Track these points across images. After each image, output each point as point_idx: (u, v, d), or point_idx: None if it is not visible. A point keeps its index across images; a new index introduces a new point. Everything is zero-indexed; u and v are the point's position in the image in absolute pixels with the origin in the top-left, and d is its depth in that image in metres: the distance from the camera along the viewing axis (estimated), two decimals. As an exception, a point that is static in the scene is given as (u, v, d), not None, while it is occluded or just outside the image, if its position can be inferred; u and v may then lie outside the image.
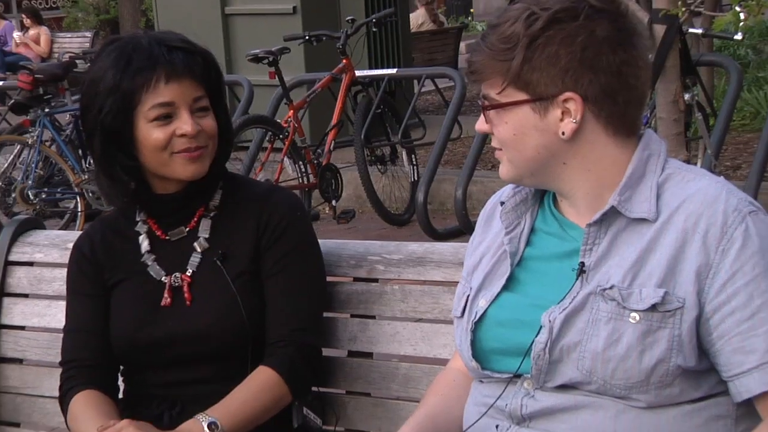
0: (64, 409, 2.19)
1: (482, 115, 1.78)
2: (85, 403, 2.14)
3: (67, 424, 2.19)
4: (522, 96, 1.71)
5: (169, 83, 2.07)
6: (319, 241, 2.26)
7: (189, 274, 2.15)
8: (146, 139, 2.09)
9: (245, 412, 2.05)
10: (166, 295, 2.15)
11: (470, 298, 1.83)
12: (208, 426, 2.01)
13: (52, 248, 2.58)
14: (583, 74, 1.68)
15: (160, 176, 2.14)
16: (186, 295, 2.14)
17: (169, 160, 2.10)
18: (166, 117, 2.08)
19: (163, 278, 2.16)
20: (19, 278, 2.61)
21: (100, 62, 2.12)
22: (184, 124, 2.08)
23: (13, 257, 2.61)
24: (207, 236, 2.17)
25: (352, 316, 2.26)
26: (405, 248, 2.26)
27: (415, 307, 2.20)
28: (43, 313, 2.56)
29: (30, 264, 2.60)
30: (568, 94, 1.69)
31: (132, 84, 2.07)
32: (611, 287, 1.66)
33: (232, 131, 2.24)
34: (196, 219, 2.18)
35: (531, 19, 1.69)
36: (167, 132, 2.08)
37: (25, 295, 2.60)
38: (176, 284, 2.15)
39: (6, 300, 2.61)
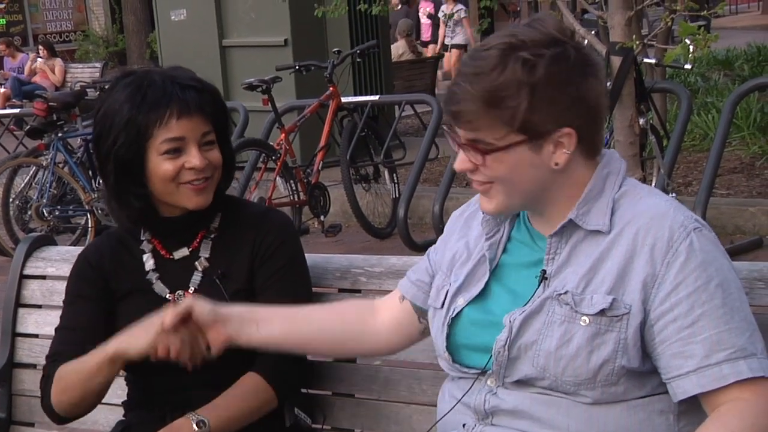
0: (47, 391, 2.10)
1: (461, 154, 1.71)
2: (72, 362, 2.06)
3: (52, 404, 2.10)
4: (520, 138, 1.66)
5: (180, 119, 2.04)
6: (307, 255, 2.25)
7: (191, 292, 2.13)
8: (156, 171, 2.07)
9: (232, 412, 2.04)
10: None
11: (449, 293, 1.83)
12: (197, 423, 2.00)
13: (63, 263, 2.56)
14: (578, 110, 1.67)
15: (166, 203, 2.13)
16: None
17: (176, 190, 2.08)
18: (176, 150, 2.06)
19: (167, 296, 2.14)
20: (32, 290, 2.59)
21: (115, 95, 2.08)
22: (193, 158, 2.06)
23: (27, 271, 2.60)
24: (207, 256, 2.15)
25: (338, 323, 2.25)
26: (386, 261, 2.26)
27: (394, 316, 2.19)
28: (55, 323, 2.49)
29: (43, 277, 2.59)
30: (565, 130, 1.66)
31: (146, 119, 2.04)
32: (566, 292, 1.67)
33: (234, 160, 2.21)
34: (198, 240, 2.16)
35: (529, 65, 1.63)
36: (176, 165, 2.06)
37: (39, 306, 2.59)
38: (179, 301, 2.12)
39: (21, 310, 2.60)
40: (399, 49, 12.28)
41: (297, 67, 7.21)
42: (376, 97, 7.68)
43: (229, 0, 9.06)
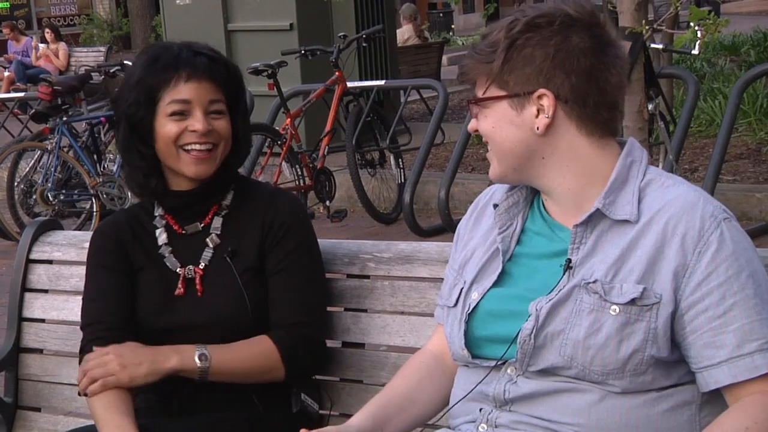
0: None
1: (472, 115, 1.80)
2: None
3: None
4: (501, 93, 1.72)
5: (188, 82, 2.08)
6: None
7: (201, 267, 2.14)
8: (161, 131, 2.10)
9: (234, 363, 2.05)
10: (180, 285, 2.13)
11: (464, 290, 1.82)
12: (199, 356, 2.02)
13: (69, 247, 2.55)
14: (556, 74, 1.69)
15: (174, 172, 2.14)
16: (198, 286, 2.13)
17: (178, 154, 2.11)
18: (182, 113, 2.09)
19: (178, 269, 2.15)
20: (39, 275, 2.58)
21: (135, 62, 2.18)
22: (197, 121, 2.08)
23: (33, 256, 2.59)
24: (219, 233, 2.16)
25: (346, 309, 2.24)
26: (395, 247, 2.24)
27: (403, 302, 2.19)
28: (62, 307, 2.54)
29: (49, 262, 2.58)
30: (541, 91, 1.70)
31: (155, 80, 2.09)
32: (594, 281, 1.66)
33: (249, 139, 2.21)
34: (210, 216, 2.17)
35: (512, 24, 1.71)
36: (180, 127, 2.09)
37: (45, 291, 2.58)
38: (189, 276, 2.14)
39: (27, 295, 2.58)
40: (405, 33, 12.23)
41: (302, 52, 7.18)
42: (381, 82, 7.65)
43: (235, -16, 9.02)
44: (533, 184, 1.77)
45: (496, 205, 1.82)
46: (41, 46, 15.21)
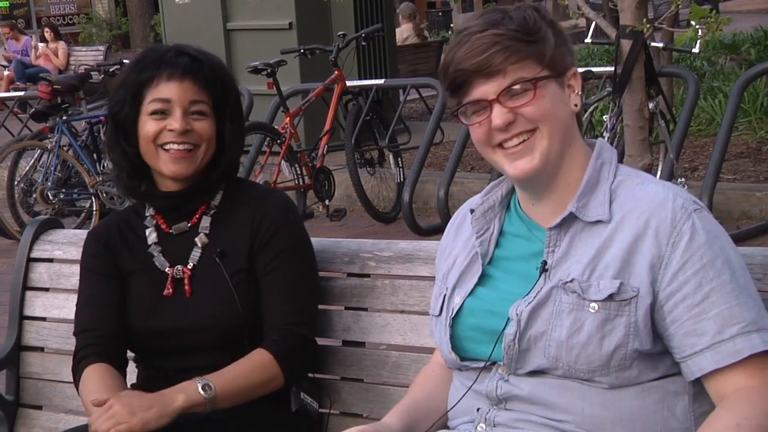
0: (77, 378, 2.15)
1: (496, 109, 1.70)
2: (97, 377, 2.10)
3: (78, 391, 2.15)
4: (549, 73, 1.72)
5: (170, 81, 2.09)
6: (316, 239, 2.24)
7: (190, 267, 2.14)
8: (142, 130, 2.12)
9: (237, 383, 2.04)
10: (168, 285, 2.14)
11: (447, 297, 1.84)
12: (203, 387, 2.00)
13: (70, 246, 2.56)
14: (572, 53, 1.76)
15: (159, 172, 2.15)
16: (186, 287, 2.13)
17: (156, 153, 2.12)
18: (162, 113, 2.10)
19: (166, 269, 2.15)
20: (40, 273, 2.59)
21: (128, 64, 2.22)
22: (174, 120, 2.10)
23: (34, 254, 2.60)
24: (207, 232, 2.16)
25: (346, 308, 2.25)
26: (395, 246, 2.25)
27: (404, 300, 2.19)
28: (62, 306, 2.54)
29: (50, 260, 2.59)
30: (573, 69, 1.75)
31: (138, 79, 2.11)
32: (572, 281, 1.67)
33: (238, 140, 2.19)
34: (197, 216, 2.17)
35: (539, 13, 1.73)
36: (159, 126, 2.11)
37: (46, 289, 2.58)
38: (178, 276, 2.14)
39: (28, 293, 2.59)
40: (404, 33, 12.23)
41: (302, 51, 7.18)
42: (381, 81, 7.65)
43: (235, -17, 9.03)
44: (553, 180, 1.75)
45: (472, 210, 1.83)
46: (40, 45, 15.21)
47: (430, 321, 1.92)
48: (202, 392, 1.99)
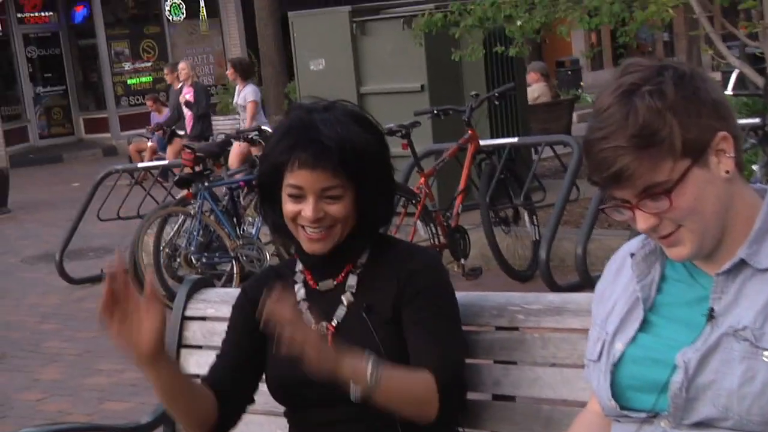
0: None
1: (639, 214, 1.66)
2: None
3: None
4: (687, 162, 1.64)
5: (301, 169, 2.11)
6: (462, 293, 2.25)
7: (334, 324, 2.17)
8: (283, 207, 2.17)
9: (402, 384, 2.03)
10: None
11: (606, 342, 1.80)
12: (372, 362, 1.99)
13: (221, 304, 2.63)
14: (719, 111, 1.66)
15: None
16: (329, 344, 2.13)
17: (296, 230, 2.17)
18: (298, 196, 2.14)
19: (312, 326, 2.18)
20: (193, 332, 2.67)
21: (280, 123, 2.24)
22: (307, 208, 2.13)
23: (188, 313, 2.68)
24: (353, 291, 2.19)
25: (495, 362, 2.24)
26: (544, 299, 2.23)
27: (554, 353, 2.17)
28: None
29: (203, 319, 2.66)
30: (721, 134, 1.65)
31: (278, 159, 2.15)
32: (744, 328, 1.62)
33: (384, 205, 2.22)
34: (343, 274, 2.21)
35: (657, 93, 1.63)
36: (295, 209, 2.15)
37: (199, 347, 2.66)
38: (322, 333, 2.17)
39: (183, 351, 2.67)
40: (535, 92, 12.22)
41: (435, 112, 7.26)
42: (515, 140, 7.65)
43: (367, 48, 9.23)
44: (717, 247, 1.70)
45: (632, 255, 1.80)
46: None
47: (585, 367, 1.89)
48: (369, 367, 1.99)
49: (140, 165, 10.26)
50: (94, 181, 9.00)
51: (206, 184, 7.37)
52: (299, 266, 2.27)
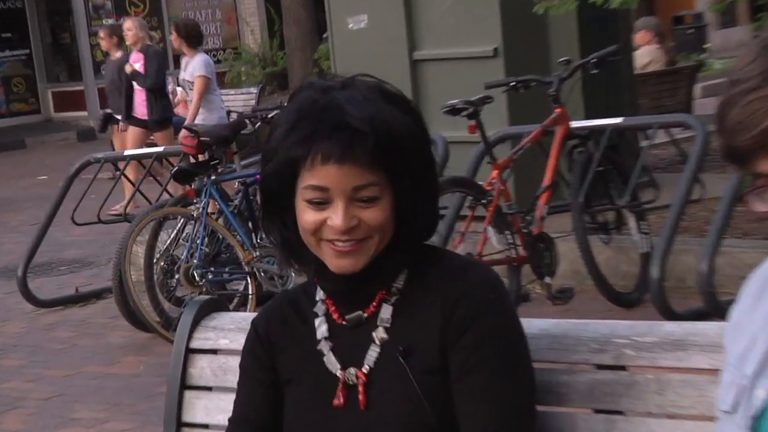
0: None
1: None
2: None
3: None
4: None
5: (325, 165, 2.06)
6: (553, 321, 2.26)
7: (365, 371, 2.16)
8: (300, 217, 2.13)
9: None
10: (339, 393, 2.17)
11: (745, 388, 1.81)
12: None
13: (238, 333, 2.62)
14: None
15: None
16: (360, 396, 2.15)
17: (319, 246, 2.13)
18: (320, 202, 2.09)
19: (337, 372, 2.18)
20: (201, 368, 2.69)
21: (282, 112, 2.18)
22: (335, 216, 2.07)
23: (195, 344, 2.69)
24: (387, 326, 2.17)
25: (596, 411, 2.24)
26: (660, 329, 2.24)
27: (674, 401, 2.17)
28: (230, 409, 2.58)
29: (214, 352, 2.68)
30: None
31: (291, 154, 2.09)
32: None
33: (428, 210, 2.20)
34: (375, 303, 2.19)
35: None
36: (318, 218, 2.09)
37: (209, 388, 2.67)
38: (351, 382, 2.16)
39: (188, 394, 2.69)
40: (644, 57, 12.18)
41: (512, 84, 7.28)
42: (618, 120, 7.63)
43: (423, 2, 9.26)
44: None
45: None
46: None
47: (716, 420, 1.89)
48: None
49: (127, 153, 10.30)
50: (68, 173, 9.10)
51: (213, 177, 7.39)
52: (320, 294, 2.25)
